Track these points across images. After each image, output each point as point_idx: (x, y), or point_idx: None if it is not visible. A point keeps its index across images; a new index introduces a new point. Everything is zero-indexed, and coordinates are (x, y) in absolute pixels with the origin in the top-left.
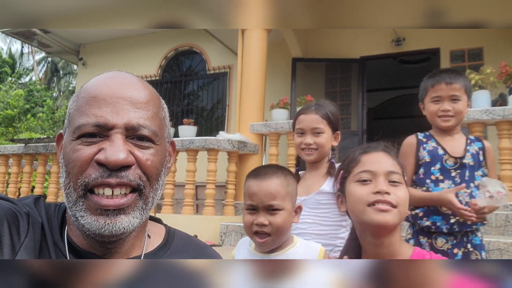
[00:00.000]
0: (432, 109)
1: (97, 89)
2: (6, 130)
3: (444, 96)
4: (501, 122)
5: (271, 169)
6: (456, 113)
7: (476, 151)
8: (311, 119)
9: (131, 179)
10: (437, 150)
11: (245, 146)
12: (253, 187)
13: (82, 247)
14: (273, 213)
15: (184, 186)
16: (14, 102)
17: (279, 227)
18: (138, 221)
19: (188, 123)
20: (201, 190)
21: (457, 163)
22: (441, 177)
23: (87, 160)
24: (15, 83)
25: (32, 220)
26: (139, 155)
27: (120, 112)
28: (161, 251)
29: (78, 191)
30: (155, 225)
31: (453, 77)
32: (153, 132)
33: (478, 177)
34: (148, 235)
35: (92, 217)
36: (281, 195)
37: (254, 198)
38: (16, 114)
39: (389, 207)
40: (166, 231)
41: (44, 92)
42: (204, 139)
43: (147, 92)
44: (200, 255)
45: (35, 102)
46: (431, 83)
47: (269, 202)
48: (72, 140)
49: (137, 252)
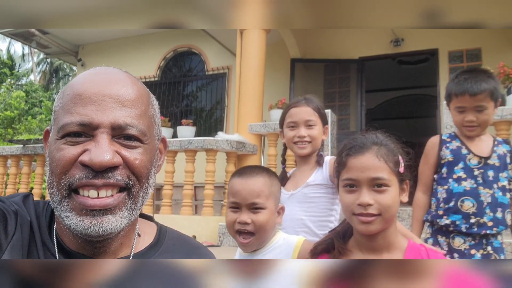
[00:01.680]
0: (457, 119)
1: (82, 86)
2: (5, 132)
3: (468, 107)
4: (500, 122)
5: (256, 168)
6: (481, 123)
7: (504, 153)
8: (304, 111)
9: (119, 178)
10: (461, 150)
11: (243, 147)
12: (237, 185)
13: (71, 246)
14: (255, 212)
15: (182, 186)
16: (15, 104)
17: (261, 226)
18: (126, 221)
19: (187, 123)
20: (199, 190)
21: (481, 162)
22: (464, 175)
23: (70, 161)
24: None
25: (21, 218)
26: (126, 154)
27: (106, 111)
28: (151, 250)
29: (62, 191)
30: (147, 223)
31: (477, 87)
32: (140, 131)
33: (503, 179)
34: (138, 234)
35: (77, 218)
36: (265, 194)
37: (237, 196)
38: (16, 115)
39: (372, 218)
40: (158, 230)
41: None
42: (203, 139)
43: (135, 89)
44: (192, 255)
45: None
46: (455, 92)
47: (253, 200)
48: (57, 139)
49: (126, 252)
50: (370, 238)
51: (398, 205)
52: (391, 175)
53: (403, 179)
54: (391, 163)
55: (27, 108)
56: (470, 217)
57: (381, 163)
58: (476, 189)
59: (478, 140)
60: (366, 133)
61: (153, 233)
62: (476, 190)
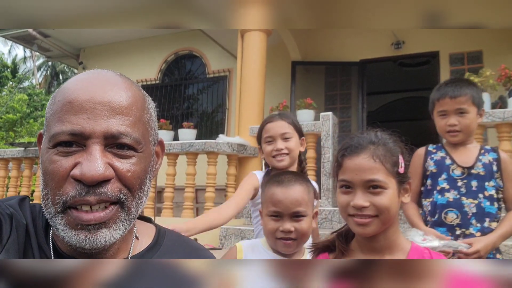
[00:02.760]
0: (440, 124)
1: (73, 93)
2: (7, 135)
3: (449, 110)
4: (501, 125)
5: (293, 176)
6: (463, 128)
7: (490, 161)
8: (280, 125)
9: (110, 194)
10: (445, 160)
11: (244, 149)
12: (278, 195)
13: (66, 251)
14: (298, 220)
15: (183, 189)
16: (18, 107)
17: (304, 233)
18: (121, 233)
19: (188, 126)
20: (201, 193)
21: (465, 172)
22: (447, 186)
23: (63, 176)
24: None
25: (16, 222)
26: (119, 166)
27: (98, 119)
28: (149, 252)
29: (56, 207)
30: (145, 225)
31: (457, 90)
32: (135, 139)
33: (490, 188)
34: (136, 236)
35: (72, 231)
36: (305, 202)
37: (280, 206)
38: (18, 118)
39: (368, 220)
40: (156, 231)
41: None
42: (204, 142)
43: (129, 94)
44: (192, 256)
45: (34, 106)
46: (437, 97)
47: (295, 209)
48: (49, 148)
49: (124, 255)
50: (372, 239)
51: (397, 206)
52: (388, 176)
53: (403, 180)
54: (388, 163)
55: (29, 111)
56: (455, 229)
57: (376, 164)
58: (459, 200)
59: (464, 149)
60: (365, 132)
61: (152, 235)
62: (460, 201)
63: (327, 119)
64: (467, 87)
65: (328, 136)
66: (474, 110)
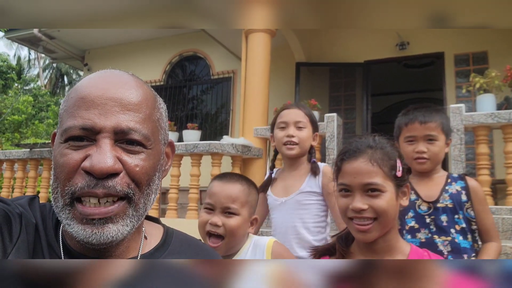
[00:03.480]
0: (406, 150)
1: (86, 90)
2: (12, 136)
3: (418, 136)
4: (507, 126)
5: (237, 176)
6: (432, 155)
7: (458, 190)
8: (295, 113)
9: (118, 189)
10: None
11: (249, 150)
12: (215, 187)
13: (76, 249)
14: (228, 216)
15: (188, 190)
16: (23, 108)
17: (232, 230)
18: (128, 229)
19: (192, 127)
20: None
21: (431, 207)
22: (416, 225)
23: (74, 167)
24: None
25: (26, 221)
26: (127, 160)
27: (108, 115)
28: (158, 252)
29: (65, 198)
30: (153, 225)
31: (427, 116)
32: (144, 136)
33: (461, 220)
34: (144, 236)
35: (79, 226)
36: (240, 201)
37: (213, 198)
38: (24, 119)
39: (367, 223)
40: (164, 232)
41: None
42: (208, 143)
43: (140, 92)
44: (199, 256)
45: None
46: (405, 122)
47: (227, 204)
48: (61, 143)
49: (133, 254)
50: (371, 242)
51: (396, 209)
52: (386, 179)
53: (401, 183)
54: (385, 167)
55: (34, 113)
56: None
57: (374, 168)
58: (431, 239)
59: (429, 181)
60: (363, 136)
61: (160, 235)
62: (432, 240)
63: (332, 120)
64: (436, 113)
65: (332, 138)
66: (443, 138)
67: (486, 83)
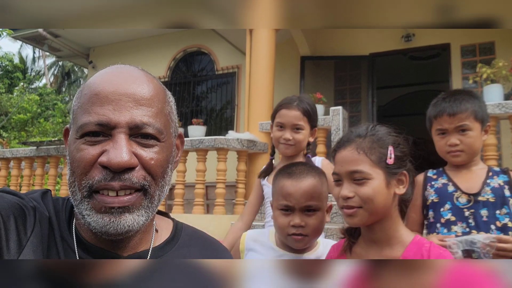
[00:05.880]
0: (439, 144)
1: (99, 86)
2: (19, 134)
3: (449, 129)
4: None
5: (305, 168)
6: (466, 147)
7: (500, 185)
8: (293, 116)
9: (135, 181)
10: (447, 187)
11: (254, 145)
12: (288, 187)
13: (91, 241)
14: (310, 214)
15: (194, 186)
16: (28, 107)
17: (316, 228)
18: (144, 219)
19: (197, 123)
20: (211, 190)
21: (471, 200)
22: (453, 218)
23: (90, 162)
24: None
25: (39, 214)
26: (143, 154)
27: (122, 110)
28: (168, 245)
29: (83, 191)
30: (163, 219)
31: (456, 106)
32: (157, 129)
33: (503, 216)
34: (156, 229)
35: (97, 216)
36: (317, 195)
37: (290, 199)
38: (29, 118)
39: (353, 210)
40: (174, 225)
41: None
42: (214, 138)
43: (152, 87)
44: (208, 249)
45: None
46: (434, 114)
47: (307, 203)
48: (76, 139)
49: (145, 247)
50: (370, 231)
51: (385, 197)
52: (373, 167)
53: (394, 171)
54: (374, 155)
55: (40, 111)
56: None
57: (360, 156)
58: (468, 234)
59: (468, 172)
60: (359, 126)
61: (170, 229)
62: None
63: (337, 113)
64: (467, 101)
65: (338, 131)
66: (477, 127)
67: (493, 73)
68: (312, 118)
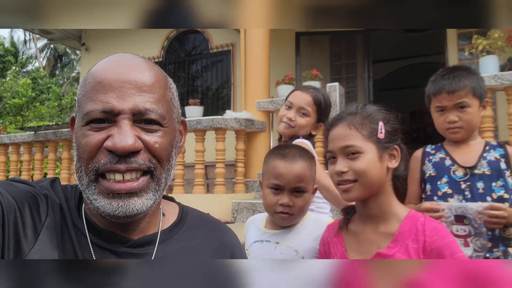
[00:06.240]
0: (438, 121)
1: (102, 74)
2: (15, 119)
3: (448, 106)
4: (510, 87)
5: (297, 151)
6: (465, 124)
7: (497, 158)
8: (303, 99)
9: (141, 163)
10: (444, 161)
11: (252, 124)
12: (280, 168)
13: (100, 225)
14: (297, 195)
15: (193, 166)
16: (23, 91)
17: (301, 208)
18: (151, 202)
19: (194, 103)
20: (210, 169)
21: (467, 173)
22: (449, 191)
23: (96, 146)
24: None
25: (51, 201)
26: (147, 139)
27: (126, 97)
28: (176, 228)
29: (90, 175)
30: (169, 203)
31: (455, 83)
32: (160, 115)
33: (498, 188)
34: (163, 213)
35: (105, 200)
36: (307, 178)
37: (281, 179)
38: (25, 102)
39: (349, 185)
40: (180, 209)
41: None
42: (211, 118)
43: (153, 73)
44: (213, 231)
45: (40, 90)
46: (432, 92)
47: (297, 184)
48: (82, 126)
49: (154, 230)
50: (365, 207)
51: (379, 171)
52: (365, 142)
53: (385, 145)
54: (365, 130)
55: (35, 95)
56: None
57: (352, 131)
58: None
59: (465, 147)
60: (348, 105)
61: (176, 212)
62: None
63: (334, 90)
64: (466, 77)
65: (335, 107)
66: (476, 103)
67: (489, 45)
68: (322, 111)
